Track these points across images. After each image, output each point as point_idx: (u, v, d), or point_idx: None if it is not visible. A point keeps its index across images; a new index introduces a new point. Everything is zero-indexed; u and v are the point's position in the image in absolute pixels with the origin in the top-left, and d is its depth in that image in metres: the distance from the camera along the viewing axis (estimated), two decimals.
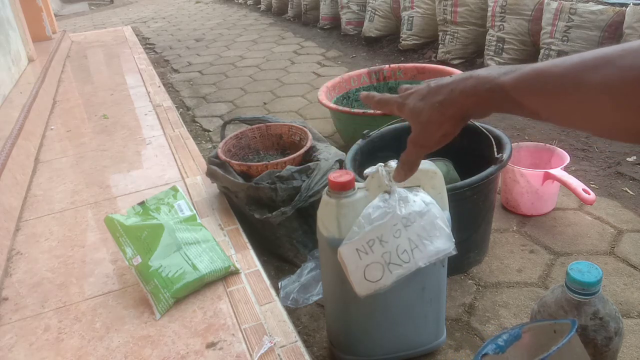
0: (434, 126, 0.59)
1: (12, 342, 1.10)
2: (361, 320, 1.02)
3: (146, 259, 1.15)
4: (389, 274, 0.84)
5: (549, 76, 0.47)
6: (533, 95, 0.49)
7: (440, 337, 1.09)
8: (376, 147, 1.42)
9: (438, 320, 1.07)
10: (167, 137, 2.13)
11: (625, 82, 0.41)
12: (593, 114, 0.44)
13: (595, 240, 1.42)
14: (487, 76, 0.53)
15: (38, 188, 1.80)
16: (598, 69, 0.43)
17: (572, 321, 0.82)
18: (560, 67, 0.46)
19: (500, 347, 0.77)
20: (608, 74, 0.42)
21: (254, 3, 6.12)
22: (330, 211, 0.90)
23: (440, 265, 0.98)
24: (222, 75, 3.43)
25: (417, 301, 1.00)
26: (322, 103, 2.00)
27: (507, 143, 1.29)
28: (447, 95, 0.56)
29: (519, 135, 2.13)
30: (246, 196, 1.42)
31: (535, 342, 0.78)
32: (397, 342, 1.05)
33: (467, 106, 0.55)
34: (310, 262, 1.37)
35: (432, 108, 0.58)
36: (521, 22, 2.57)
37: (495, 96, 0.52)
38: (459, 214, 1.01)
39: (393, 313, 1.01)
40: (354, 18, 3.93)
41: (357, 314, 1.01)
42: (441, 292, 1.03)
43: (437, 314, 1.05)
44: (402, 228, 0.84)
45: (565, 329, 0.87)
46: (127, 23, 5.84)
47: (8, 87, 2.65)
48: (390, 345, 1.05)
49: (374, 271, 0.84)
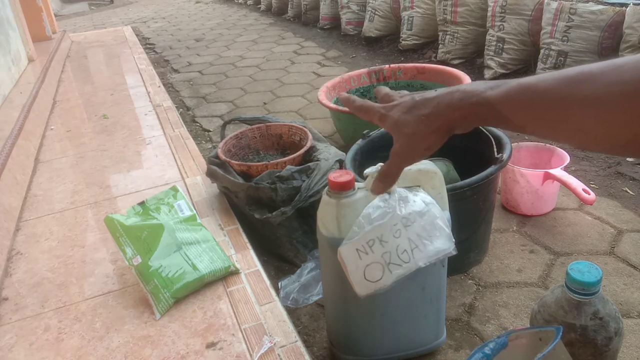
0: (419, 139, 0.59)
1: (12, 342, 1.10)
2: (361, 320, 1.02)
3: (146, 259, 1.15)
4: (389, 274, 0.84)
5: (534, 91, 0.48)
6: (519, 109, 0.50)
7: (440, 337, 1.09)
8: (376, 147, 1.42)
9: (438, 320, 1.07)
10: (167, 137, 2.13)
11: (609, 96, 0.42)
12: (577, 127, 0.46)
13: (595, 240, 1.42)
14: (474, 90, 0.53)
15: (38, 188, 1.80)
16: (582, 84, 0.44)
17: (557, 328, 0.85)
18: (545, 83, 0.47)
19: (487, 356, 0.77)
20: (592, 89, 0.43)
21: (254, 3, 6.12)
22: (330, 211, 0.90)
23: (440, 265, 0.98)
24: (222, 75, 3.43)
25: (417, 301, 1.00)
26: (322, 103, 2.00)
27: (507, 143, 1.29)
28: (434, 108, 0.57)
29: (519, 135, 2.13)
30: (246, 196, 1.42)
31: (522, 350, 0.79)
32: (397, 342, 1.05)
33: (453, 119, 0.56)
34: (310, 262, 1.37)
35: (418, 121, 0.58)
36: (521, 22, 2.57)
37: (482, 110, 0.53)
38: (459, 214, 1.01)
39: (393, 313, 1.01)
40: (354, 18, 3.93)
41: (357, 314, 1.02)
42: (441, 292, 1.03)
43: (437, 314, 1.05)
44: (402, 228, 0.84)
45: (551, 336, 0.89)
46: (127, 23, 5.84)
47: (8, 87, 2.65)
48: (390, 345, 1.05)
49: (374, 271, 0.84)
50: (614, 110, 0.42)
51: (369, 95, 2.31)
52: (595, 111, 0.43)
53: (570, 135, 0.48)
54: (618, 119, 0.42)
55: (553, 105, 0.47)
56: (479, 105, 0.52)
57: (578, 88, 0.44)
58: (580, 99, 0.44)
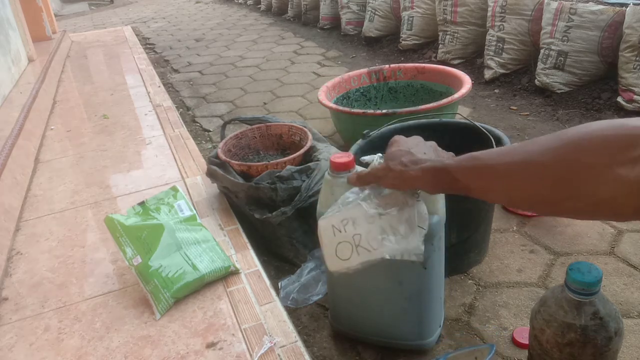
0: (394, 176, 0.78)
1: (12, 342, 1.10)
2: (343, 297, 1.11)
3: (146, 259, 1.15)
4: (356, 256, 0.86)
5: (477, 159, 0.66)
6: (465, 172, 0.68)
7: (425, 338, 1.08)
8: (376, 147, 1.42)
9: (421, 320, 1.06)
10: (167, 137, 2.14)
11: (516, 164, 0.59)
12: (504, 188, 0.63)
13: (595, 240, 1.42)
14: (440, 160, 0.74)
15: (38, 188, 1.80)
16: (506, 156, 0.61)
17: (490, 346, 0.88)
18: (486, 154, 0.65)
19: None
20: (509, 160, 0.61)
21: (254, 3, 6.12)
22: (329, 190, 0.96)
23: (420, 266, 0.97)
24: (222, 75, 3.43)
25: (393, 294, 1.03)
26: (322, 103, 2.00)
27: (507, 143, 1.29)
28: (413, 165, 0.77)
29: (519, 135, 2.13)
30: (246, 196, 1.42)
31: None
32: (375, 327, 1.09)
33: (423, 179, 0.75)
34: (310, 262, 1.37)
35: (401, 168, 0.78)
36: (521, 22, 2.57)
37: (442, 174, 0.71)
38: (459, 214, 1.02)
39: (368, 298, 1.06)
40: (354, 18, 3.93)
41: (340, 291, 1.10)
42: (422, 292, 1.02)
43: (419, 314, 1.05)
44: (375, 215, 0.84)
45: (485, 353, 0.91)
46: (127, 23, 5.84)
47: (8, 87, 2.65)
48: (370, 329, 1.10)
49: (344, 250, 0.87)
50: (516, 176, 0.59)
51: (369, 95, 2.31)
52: (524, 176, 0.59)
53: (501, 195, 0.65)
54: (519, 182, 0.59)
55: (487, 170, 0.64)
56: (440, 171, 0.72)
57: (503, 159, 0.61)
58: (503, 165, 0.61)
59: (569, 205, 0.54)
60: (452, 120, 1.68)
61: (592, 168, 0.50)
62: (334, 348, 1.15)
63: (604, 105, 2.25)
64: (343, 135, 2.12)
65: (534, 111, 2.36)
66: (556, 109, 2.34)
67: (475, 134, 1.34)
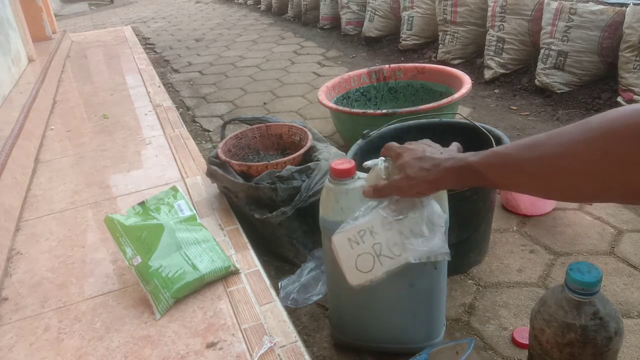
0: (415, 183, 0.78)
1: (12, 342, 1.10)
2: (350, 306, 1.07)
3: (146, 259, 1.15)
4: (380, 266, 0.85)
5: (500, 155, 0.67)
6: (490, 168, 0.68)
7: (434, 338, 1.08)
8: (376, 147, 1.42)
9: (430, 321, 1.06)
10: (167, 137, 2.14)
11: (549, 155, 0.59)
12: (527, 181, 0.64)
13: (595, 240, 1.42)
14: (462, 157, 0.74)
15: (38, 188, 1.80)
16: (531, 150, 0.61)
17: (470, 340, 0.92)
18: (508, 149, 0.66)
19: None
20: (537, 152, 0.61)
21: (254, 3, 6.12)
22: (331, 196, 0.94)
23: (431, 266, 0.97)
24: (222, 75, 3.43)
25: (405, 298, 1.01)
26: (322, 103, 2.00)
27: (507, 143, 1.29)
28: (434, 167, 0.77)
29: (519, 135, 2.13)
30: (246, 196, 1.42)
31: None
32: (383, 333, 1.07)
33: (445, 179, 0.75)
34: (310, 262, 1.37)
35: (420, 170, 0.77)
36: (521, 22, 2.57)
37: (466, 171, 0.72)
38: (459, 214, 1.01)
39: (379, 304, 1.03)
40: (354, 18, 3.93)
41: (347, 299, 1.07)
42: (433, 294, 1.02)
43: (429, 315, 1.05)
44: (393, 221, 0.84)
45: (465, 348, 0.92)
46: (127, 23, 5.84)
47: (8, 87, 2.65)
48: (377, 336, 1.08)
49: (365, 261, 0.85)
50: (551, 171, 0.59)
51: (369, 95, 2.31)
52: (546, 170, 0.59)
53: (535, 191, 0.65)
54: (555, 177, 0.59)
55: (519, 167, 0.64)
56: (465, 168, 0.72)
57: (532, 154, 0.61)
58: (536, 161, 0.61)
59: (608, 196, 0.55)
60: (452, 120, 1.68)
61: (631, 156, 0.50)
62: (334, 348, 1.15)
63: (604, 105, 2.25)
64: (343, 135, 2.12)
65: (534, 111, 2.36)
66: (556, 109, 2.34)
67: (475, 134, 1.33)
